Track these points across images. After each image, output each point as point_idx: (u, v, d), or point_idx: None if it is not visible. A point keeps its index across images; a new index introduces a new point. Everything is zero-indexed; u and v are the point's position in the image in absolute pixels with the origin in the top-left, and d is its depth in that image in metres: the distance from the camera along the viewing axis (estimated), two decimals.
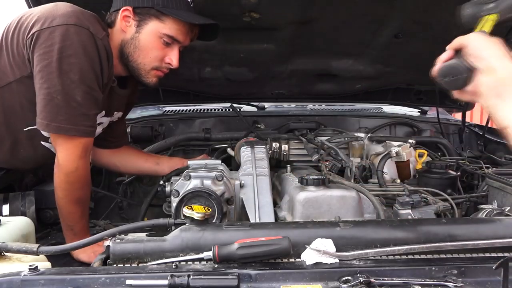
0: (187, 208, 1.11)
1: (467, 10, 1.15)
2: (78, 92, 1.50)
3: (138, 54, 1.65)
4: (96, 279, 0.91)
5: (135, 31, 1.63)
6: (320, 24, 2.03)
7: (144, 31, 1.63)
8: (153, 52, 1.65)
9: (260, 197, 1.51)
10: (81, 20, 1.51)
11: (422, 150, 2.13)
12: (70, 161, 1.58)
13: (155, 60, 1.67)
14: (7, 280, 0.91)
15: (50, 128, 1.52)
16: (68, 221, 1.67)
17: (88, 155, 1.64)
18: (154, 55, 1.66)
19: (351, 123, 2.65)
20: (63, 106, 1.50)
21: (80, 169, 1.60)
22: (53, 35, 1.47)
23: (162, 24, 1.62)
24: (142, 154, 2.09)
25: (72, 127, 1.53)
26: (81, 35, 1.49)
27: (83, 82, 1.51)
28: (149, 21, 1.62)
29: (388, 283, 0.91)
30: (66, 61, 1.47)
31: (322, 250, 1.00)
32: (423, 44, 2.16)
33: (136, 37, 1.64)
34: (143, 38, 1.63)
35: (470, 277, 0.94)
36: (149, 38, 1.63)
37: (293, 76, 2.50)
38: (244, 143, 1.88)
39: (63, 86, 1.48)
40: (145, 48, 1.65)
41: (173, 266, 0.98)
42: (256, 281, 0.93)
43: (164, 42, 1.64)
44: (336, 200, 1.47)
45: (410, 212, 1.46)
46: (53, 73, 1.47)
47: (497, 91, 0.87)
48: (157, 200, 1.91)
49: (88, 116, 1.56)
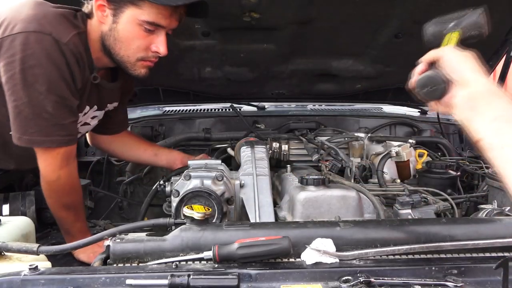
0: (187, 208, 1.11)
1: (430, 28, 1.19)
2: (48, 103, 1.43)
3: (120, 46, 1.53)
4: (96, 279, 0.91)
5: (112, 21, 1.50)
6: (320, 24, 2.03)
7: (122, 21, 1.49)
8: (135, 42, 1.52)
9: (260, 197, 1.52)
10: (42, 25, 1.41)
11: (422, 150, 2.13)
12: (50, 171, 1.55)
13: (139, 50, 1.54)
14: (7, 279, 0.91)
15: (22, 141, 1.47)
16: (63, 224, 1.68)
17: (71, 162, 1.59)
18: (137, 45, 1.53)
19: (351, 123, 2.65)
20: (32, 118, 1.44)
21: (63, 178, 1.57)
22: (14, 44, 1.39)
23: (140, 10, 1.46)
24: (141, 144, 2.06)
25: (45, 139, 1.48)
26: (42, 42, 1.39)
27: (52, 92, 1.43)
28: (125, 8, 1.47)
29: (388, 283, 0.91)
30: (29, 72, 1.40)
31: (322, 250, 1.00)
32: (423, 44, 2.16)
33: (114, 28, 1.51)
34: (122, 28, 1.50)
35: (470, 277, 0.94)
36: (128, 27, 1.49)
37: (293, 76, 2.50)
38: (244, 143, 1.88)
39: (30, 98, 1.42)
40: (126, 39, 1.52)
41: (173, 265, 0.98)
42: (256, 281, 0.93)
43: (145, 29, 1.50)
44: (336, 200, 1.47)
45: (410, 212, 1.46)
46: (17, 85, 1.41)
47: (471, 104, 0.88)
48: (157, 200, 1.91)
49: (63, 126, 1.50)
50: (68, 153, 1.56)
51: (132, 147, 2.03)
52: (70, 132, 1.54)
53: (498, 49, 2.24)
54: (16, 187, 1.92)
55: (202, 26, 2.02)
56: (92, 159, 2.38)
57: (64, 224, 1.67)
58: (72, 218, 1.66)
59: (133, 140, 2.05)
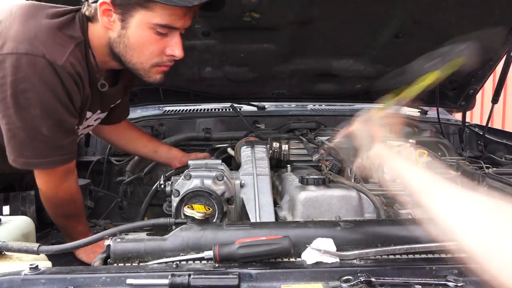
0: (188, 208, 1.11)
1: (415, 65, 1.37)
2: (43, 126, 1.35)
3: (132, 53, 1.41)
4: (96, 279, 0.91)
5: (121, 26, 1.37)
6: (320, 24, 2.03)
7: (132, 26, 1.36)
8: (148, 47, 1.40)
9: (260, 197, 1.52)
10: (34, 46, 1.29)
11: (422, 150, 2.13)
12: (48, 189, 1.52)
13: (153, 56, 1.43)
14: (8, 279, 0.91)
15: (17, 163, 1.40)
16: (63, 231, 1.68)
17: (70, 176, 1.54)
18: (150, 51, 1.42)
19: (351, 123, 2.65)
20: (28, 142, 1.37)
21: (61, 194, 1.54)
22: (4, 65, 1.29)
23: (151, 13, 1.33)
24: (142, 138, 2.04)
25: (42, 161, 1.41)
26: (35, 66, 1.28)
27: (48, 116, 1.34)
28: (135, 12, 1.34)
29: (389, 283, 0.91)
30: (22, 96, 1.30)
31: (322, 250, 1.00)
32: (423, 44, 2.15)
33: (124, 34, 1.38)
34: (133, 33, 1.37)
35: (471, 276, 0.94)
36: (140, 32, 1.37)
37: (293, 76, 2.50)
38: (244, 143, 1.88)
39: (24, 122, 1.34)
40: (138, 45, 1.40)
41: (174, 265, 0.98)
42: (256, 281, 0.93)
43: (158, 33, 1.38)
44: (337, 199, 1.47)
45: (411, 211, 1.46)
46: (9, 109, 1.32)
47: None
48: (157, 200, 1.91)
49: (60, 147, 1.43)
50: (66, 170, 1.50)
51: (132, 140, 2.00)
52: (68, 151, 1.47)
53: (498, 49, 2.24)
54: (16, 187, 1.91)
55: (202, 26, 2.02)
56: (92, 159, 2.37)
57: (65, 229, 1.67)
58: (73, 224, 1.65)
59: (134, 133, 2.03)
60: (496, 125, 5.64)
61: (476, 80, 2.45)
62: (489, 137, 2.52)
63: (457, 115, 2.93)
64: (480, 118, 5.84)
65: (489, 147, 2.52)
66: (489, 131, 2.53)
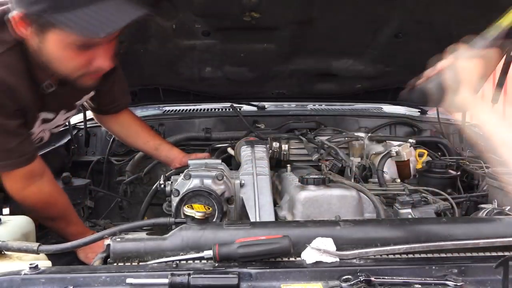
0: (188, 207, 1.11)
1: None
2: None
3: (55, 65, 1.34)
4: (96, 278, 0.92)
5: (39, 41, 1.29)
6: (320, 24, 2.03)
7: (49, 43, 1.28)
8: (70, 62, 1.33)
9: (260, 197, 1.52)
10: None
11: (422, 149, 2.13)
12: (15, 193, 1.49)
13: (78, 68, 1.35)
14: (8, 279, 0.91)
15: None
16: (56, 231, 1.66)
17: (37, 179, 1.50)
18: (73, 65, 1.34)
19: (351, 123, 2.65)
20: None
21: (31, 198, 1.50)
22: None
23: (65, 33, 1.24)
24: (144, 133, 2.01)
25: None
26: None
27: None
28: (48, 30, 1.26)
29: (389, 282, 0.91)
30: None
31: (322, 249, 1.00)
32: (423, 44, 2.15)
33: (42, 48, 1.30)
34: (51, 50, 1.30)
35: (470, 276, 0.94)
36: (57, 50, 1.29)
37: (293, 76, 2.50)
38: (244, 143, 1.88)
39: None
40: (59, 60, 1.32)
41: (174, 265, 0.98)
42: (256, 280, 0.93)
43: (78, 47, 1.29)
44: (337, 199, 1.47)
45: (410, 211, 1.46)
46: None
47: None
48: (157, 200, 1.91)
49: (10, 150, 1.40)
50: (29, 172, 1.47)
51: (134, 134, 2.00)
52: (21, 152, 1.44)
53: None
54: None
55: (202, 26, 2.02)
56: (92, 159, 2.37)
57: (56, 231, 1.65)
58: (62, 226, 1.63)
59: (136, 127, 2.00)
60: None
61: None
62: None
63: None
64: None
65: None
66: None
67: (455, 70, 1.23)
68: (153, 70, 2.25)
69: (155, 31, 1.97)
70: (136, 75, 1.85)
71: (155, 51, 2.12)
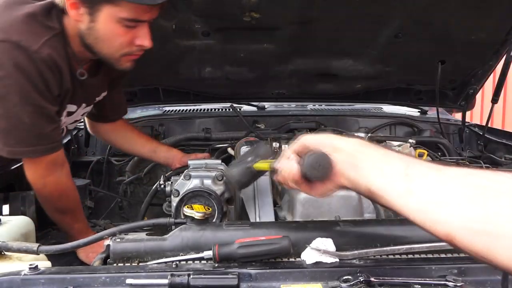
0: (187, 208, 1.11)
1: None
2: (24, 113, 1.39)
3: (101, 45, 1.46)
4: (96, 278, 0.91)
5: (90, 20, 1.40)
6: (320, 24, 2.03)
7: (100, 20, 1.40)
8: (117, 40, 1.44)
9: (260, 197, 1.52)
10: (9, 34, 1.34)
11: (422, 150, 2.13)
12: (36, 179, 1.54)
13: (123, 47, 1.47)
14: (8, 279, 0.91)
15: (4, 153, 1.45)
16: (61, 227, 1.68)
17: (58, 169, 1.56)
18: (119, 43, 1.45)
19: (351, 123, 2.65)
20: (11, 130, 1.41)
21: (49, 186, 1.55)
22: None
23: (118, 8, 1.37)
24: (141, 138, 2.05)
25: (26, 149, 1.44)
26: (11, 52, 1.33)
27: (27, 102, 1.38)
28: (102, 6, 1.38)
29: (388, 282, 0.91)
30: (0, 83, 1.35)
31: (322, 250, 1.00)
32: (423, 44, 2.16)
33: (93, 27, 1.42)
34: (101, 27, 1.41)
35: (470, 276, 0.94)
36: (108, 26, 1.41)
37: (293, 76, 2.50)
38: (244, 143, 1.88)
39: (5, 110, 1.38)
40: (107, 38, 1.44)
41: (173, 265, 0.98)
42: (256, 280, 0.93)
43: (125, 25, 1.41)
44: (336, 199, 1.47)
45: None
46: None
47: (351, 163, 0.89)
48: (157, 200, 1.91)
49: (43, 135, 1.46)
50: (53, 160, 1.52)
51: (130, 140, 2.01)
52: (52, 139, 1.50)
53: (498, 49, 2.24)
54: (16, 187, 1.91)
55: (202, 26, 2.02)
56: (92, 159, 2.37)
57: (62, 226, 1.67)
58: (69, 221, 1.65)
59: (133, 133, 2.03)
60: (496, 125, 5.64)
61: (476, 80, 2.45)
62: (489, 137, 2.52)
63: (457, 115, 2.93)
64: (480, 118, 5.84)
65: (488, 147, 2.52)
66: (489, 131, 2.52)
67: None
68: (153, 70, 2.24)
69: (155, 31, 1.97)
70: (136, 75, 1.85)
71: (155, 51, 2.11)
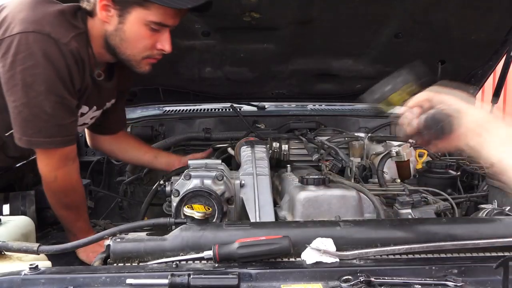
0: (188, 208, 1.11)
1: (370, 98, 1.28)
2: (47, 103, 1.43)
3: (126, 46, 1.54)
4: (96, 278, 0.92)
5: (118, 21, 1.50)
6: (320, 24, 2.03)
7: (129, 21, 1.49)
8: (141, 42, 1.54)
9: (260, 197, 1.52)
10: (41, 26, 1.41)
11: (422, 150, 2.13)
12: (48, 171, 1.56)
13: (145, 49, 1.56)
14: (8, 279, 0.91)
15: (22, 142, 1.48)
16: (64, 224, 1.69)
17: (70, 163, 1.59)
18: (143, 45, 1.54)
19: (351, 123, 2.65)
20: (31, 119, 1.44)
21: (60, 179, 1.57)
22: (13, 45, 1.39)
23: (147, 11, 1.47)
24: (142, 146, 2.07)
25: (44, 140, 1.48)
26: (41, 42, 1.39)
27: (51, 92, 1.43)
28: (132, 9, 1.47)
29: (389, 283, 0.91)
30: (28, 72, 1.40)
31: (322, 250, 1.00)
32: (423, 44, 2.16)
33: (120, 28, 1.51)
34: (129, 28, 1.50)
35: (470, 276, 0.94)
36: (135, 28, 1.50)
37: (293, 76, 2.50)
38: (244, 143, 1.88)
39: (29, 98, 1.42)
40: (133, 39, 1.52)
41: (174, 265, 0.98)
42: (256, 280, 0.93)
43: (151, 29, 1.51)
44: (336, 199, 1.47)
45: (410, 211, 1.46)
46: (17, 85, 1.41)
47: (477, 131, 0.89)
48: (157, 200, 1.91)
49: (62, 127, 1.50)
50: (66, 153, 1.55)
51: (132, 148, 2.03)
52: (69, 132, 1.54)
53: (498, 49, 2.24)
54: (16, 187, 1.92)
55: (202, 26, 2.02)
56: (92, 159, 2.37)
57: (66, 223, 1.68)
58: (73, 218, 1.66)
59: (133, 143, 2.06)
60: None
61: (476, 80, 2.45)
62: None
63: None
64: None
65: None
66: None
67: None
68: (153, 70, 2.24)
69: None
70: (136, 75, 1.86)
71: None
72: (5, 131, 1.56)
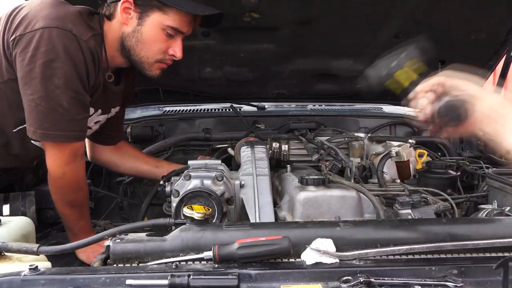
0: (187, 208, 1.11)
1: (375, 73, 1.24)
2: (64, 97, 1.47)
3: (141, 47, 1.61)
4: (96, 279, 0.92)
5: (137, 23, 1.58)
6: (320, 24, 2.03)
7: (147, 24, 1.57)
8: (156, 45, 1.61)
9: (260, 197, 1.51)
10: (63, 22, 1.46)
11: (422, 150, 2.13)
12: (57, 166, 1.58)
13: (159, 53, 1.62)
14: (8, 280, 0.91)
15: (36, 135, 1.51)
16: (66, 222, 1.69)
17: (78, 159, 1.62)
18: (158, 48, 1.61)
19: (351, 123, 2.65)
20: (48, 112, 1.47)
21: (68, 175, 1.59)
22: (35, 39, 1.43)
23: (165, 16, 1.56)
24: (142, 156, 2.08)
25: (59, 133, 1.50)
26: (63, 38, 1.44)
27: (68, 87, 1.47)
28: (151, 13, 1.56)
29: (388, 283, 0.91)
30: (49, 65, 1.43)
31: (322, 250, 1.00)
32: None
33: (138, 30, 1.58)
34: (146, 31, 1.58)
35: (470, 277, 0.94)
36: (152, 31, 1.58)
37: (293, 76, 2.50)
38: (244, 143, 1.88)
39: (47, 92, 1.45)
40: (148, 41, 1.60)
41: (173, 266, 0.98)
42: (256, 281, 0.93)
43: (167, 34, 1.59)
44: (336, 200, 1.47)
45: (410, 212, 1.46)
46: (36, 78, 1.44)
47: (493, 116, 0.88)
48: (157, 200, 1.91)
49: (76, 121, 1.54)
50: (76, 149, 1.58)
51: (132, 160, 2.03)
52: (81, 128, 1.58)
53: (498, 49, 2.24)
54: (16, 187, 1.91)
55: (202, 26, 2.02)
56: None
57: (68, 221, 1.68)
58: (76, 216, 1.67)
59: (134, 153, 2.06)
60: None
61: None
62: None
63: None
64: None
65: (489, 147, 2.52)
66: None
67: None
68: None
69: None
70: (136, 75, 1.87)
71: None
72: (14, 126, 1.59)
